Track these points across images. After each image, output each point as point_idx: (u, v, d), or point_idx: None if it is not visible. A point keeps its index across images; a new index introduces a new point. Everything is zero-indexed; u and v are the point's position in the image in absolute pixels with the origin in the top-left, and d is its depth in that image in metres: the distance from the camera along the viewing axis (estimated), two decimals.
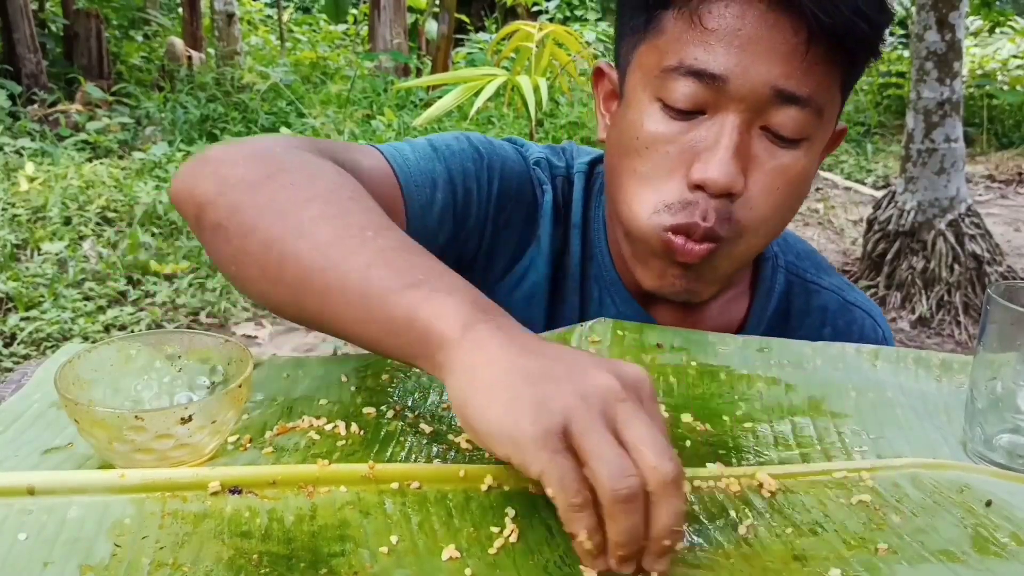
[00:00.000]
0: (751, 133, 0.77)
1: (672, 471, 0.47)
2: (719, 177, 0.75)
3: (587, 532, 0.48)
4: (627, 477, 0.47)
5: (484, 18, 11.09)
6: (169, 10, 10.20)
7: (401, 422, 0.67)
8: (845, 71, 0.79)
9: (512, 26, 2.55)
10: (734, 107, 0.76)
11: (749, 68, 0.74)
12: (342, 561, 0.51)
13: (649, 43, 0.80)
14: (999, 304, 0.64)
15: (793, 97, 0.75)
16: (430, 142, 0.88)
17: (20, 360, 3.28)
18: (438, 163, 0.86)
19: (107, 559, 0.51)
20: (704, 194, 0.77)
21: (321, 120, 6.44)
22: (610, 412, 0.49)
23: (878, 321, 0.99)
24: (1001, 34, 9.44)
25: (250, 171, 0.68)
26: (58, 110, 6.25)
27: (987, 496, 0.61)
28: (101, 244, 4.31)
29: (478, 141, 0.91)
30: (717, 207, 0.77)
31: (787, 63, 0.74)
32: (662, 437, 0.49)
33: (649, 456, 0.47)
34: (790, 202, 0.81)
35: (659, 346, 0.80)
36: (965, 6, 4.20)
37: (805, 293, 0.98)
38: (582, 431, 0.48)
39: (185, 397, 0.65)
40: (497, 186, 0.89)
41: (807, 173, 0.81)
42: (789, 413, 0.71)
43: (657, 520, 0.48)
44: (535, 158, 0.95)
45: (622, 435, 0.49)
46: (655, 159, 0.79)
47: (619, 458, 0.47)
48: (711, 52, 0.75)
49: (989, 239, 4.26)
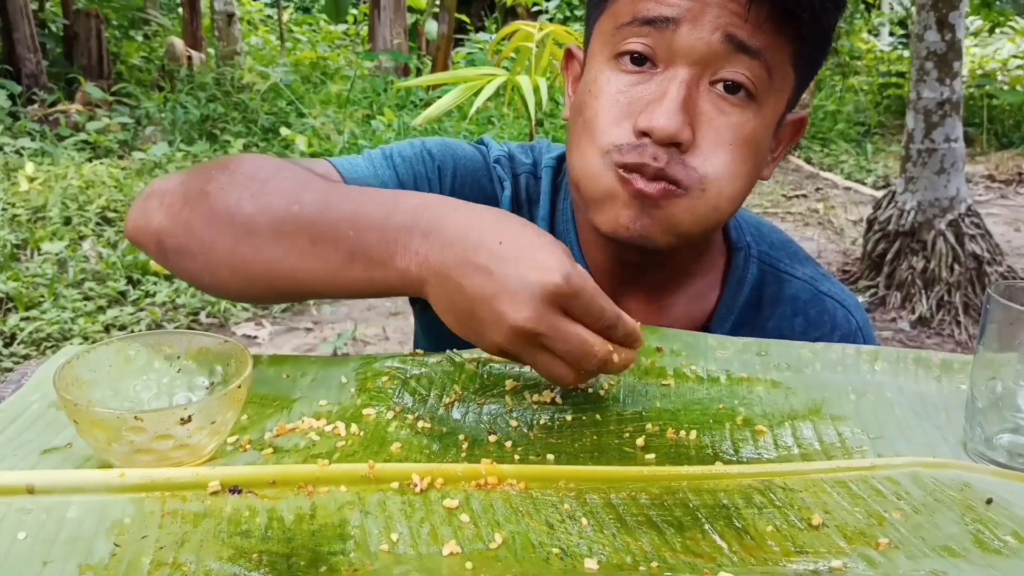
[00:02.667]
0: (700, 89, 0.79)
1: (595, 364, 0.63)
2: (666, 124, 0.77)
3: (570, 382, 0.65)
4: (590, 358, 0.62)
5: (484, 18, 11.10)
6: (169, 10, 10.20)
7: (401, 423, 0.67)
8: (795, 44, 0.80)
9: (512, 26, 2.55)
10: (684, 60, 0.78)
11: (700, 13, 0.76)
12: (342, 560, 0.51)
13: (607, 12, 0.83)
14: (999, 304, 0.64)
15: (743, 46, 0.77)
16: (384, 151, 0.93)
17: (20, 360, 3.28)
18: (387, 169, 0.91)
19: (106, 558, 0.51)
20: (651, 141, 0.78)
21: (321, 120, 6.44)
22: (534, 344, 0.63)
23: (851, 311, 0.98)
24: (1001, 34, 9.44)
25: (190, 189, 0.75)
26: (58, 110, 6.25)
27: (987, 495, 0.61)
28: (101, 244, 4.31)
29: (432, 144, 0.95)
30: (667, 153, 0.78)
31: (736, 14, 0.76)
32: (579, 342, 0.62)
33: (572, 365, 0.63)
34: (745, 161, 0.82)
35: (659, 350, 0.80)
36: (965, 6, 4.20)
37: (777, 283, 0.98)
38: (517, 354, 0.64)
39: (184, 398, 0.65)
40: (449, 184, 0.93)
41: (758, 136, 0.82)
42: (789, 416, 0.71)
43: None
44: (496, 156, 0.98)
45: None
46: (605, 108, 0.81)
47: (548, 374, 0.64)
48: (663, 2, 0.77)
49: (989, 239, 4.26)
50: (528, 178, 0.98)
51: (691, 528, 0.56)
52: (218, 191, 0.73)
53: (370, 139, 6.24)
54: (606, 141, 0.80)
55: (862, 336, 0.97)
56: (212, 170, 0.76)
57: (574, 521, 0.56)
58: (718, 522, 0.57)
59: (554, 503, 0.58)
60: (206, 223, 0.72)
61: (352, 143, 6.14)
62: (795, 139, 0.90)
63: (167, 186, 0.77)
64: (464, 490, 0.59)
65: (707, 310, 0.96)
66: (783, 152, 0.91)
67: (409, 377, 0.74)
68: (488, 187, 0.96)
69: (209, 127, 6.35)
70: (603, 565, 0.52)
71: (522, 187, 0.97)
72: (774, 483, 0.62)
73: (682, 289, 0.95)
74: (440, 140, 0.97)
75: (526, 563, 0.52)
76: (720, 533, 0.56)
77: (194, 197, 0.74)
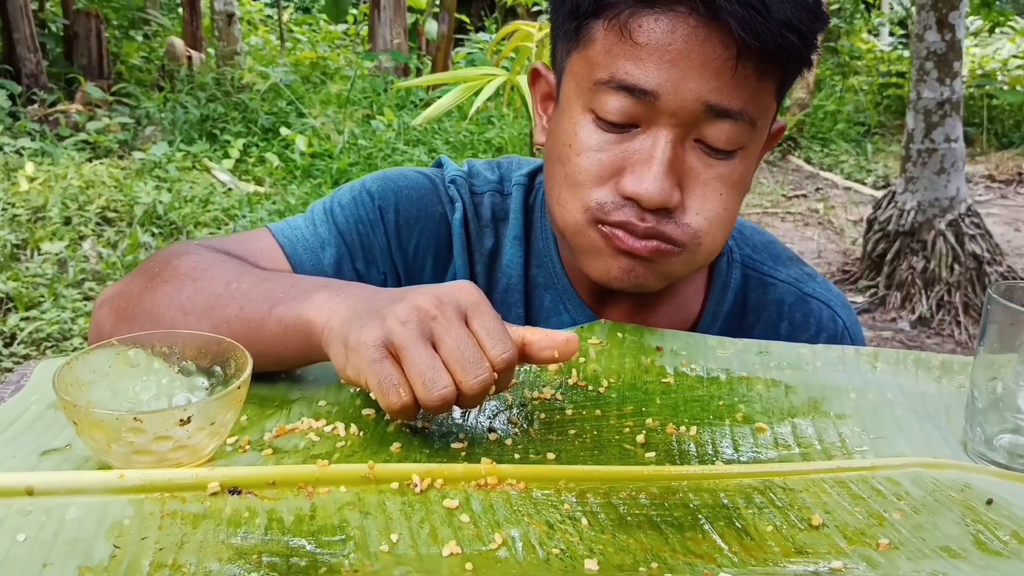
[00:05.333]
0: (685, 146, 0.77)
1: (475, 383, 0.59)
2: (654, 193, 0.75)
3: (402, 419, 0.63)
4: (436, 391, 0.59)
5: (484, 18, 11.09)
6: (169, 10, 10.20)
7: (400, 423, 0.67)
8: (779, 80, 0.79)
9: (512, 26, 2.55)
10: (666, 121, 0.76)
11: (680, 84, 0.74)
12: (342, 560, 0.51)
13: (580, 52, 0.80)
14: (999, 304, 0.64)
15: (725, 112, 0.75)
16: (324, 205, 0.95)
17: (20, 360, 3.28)
18: (328, 224, 0.92)
19: (106, 560, 0.50)
20: (636, 204, 0.77)
21: (321, 120, 6.44)
22: (426, 327, 0.60)
23: (837, 312, 0.97)
24: (1001, 34, 9.44)
25: (133, 288, 0.81)
26: (58, 110, 6.25)
27: (988, 495, 0.61)
28: (101, 244, 4.31)
29: (372, 183, 0.95)
30: (655, 215, 0.77)
31: (718, 78, 0.74)
32: (471, 345, 0.60)
33: (457, 370, 0.59)
34: (735, 204, 0.82)
35: (659, 349, 0.80)
36: (965, 6, 4.20)
37: (761, 287, 0.97)
38: (399, 345, 0.60)
39: (184, 399, 0.65)
40: (393, 219, 0.93)
41: (745, 177, 0.82)
42: (789, 415, 0.71)
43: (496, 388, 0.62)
44: (451, 176, 0.96)
45: (439, 346, 0.60)
46: (586, 166, 0.79)
47: (431, 370, 0.59)
48: (641, 67, 0.74)
49: (989, 239, 4.26)
50: (493, 196, 0.96)
51: (691, 528, 0.56)
52: (161, 284, 0.78)
53: (370, 139, 6.24)
54: (590, 200, 0.79)
55: (849, 336, 0.97)
56: (154, 268, 0.81)
57: (574, 521, 0.56)
58: (718, 522, 0.57)
59: (554, 503, 0.58)
60: (149, 311, 0.77)
61: (352, 143, 6.14)
62: (773, 144, 0.90)
63: (115, 291, 0.83)
64: (464, 490, 0.59)
65: (691, 318, 0.96)
66: (762, 157, 0.90)
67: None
68: (437, 211, 0.94)
69: (209, 127, 6.34)
70: (603, 565, 0.52)
71: (484, 205, 0.95)
72: (774, 483, 0.62)
73: (666, 299, 0.94)
74: (381, 175, 0.96)
75: (526, 563, 0.52)
76: (720, 533, 0.56)
77: (136, 296, 0.79)
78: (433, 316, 0.61)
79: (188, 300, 0.76)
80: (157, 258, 0.83)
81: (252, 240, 0.91)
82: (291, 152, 6.02)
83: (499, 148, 6.29)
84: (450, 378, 0.59)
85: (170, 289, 0.77)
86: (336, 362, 0.64)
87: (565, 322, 0.92)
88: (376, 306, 0.64)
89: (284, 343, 0.70)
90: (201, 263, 0.79)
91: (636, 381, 0.75)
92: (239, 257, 0.85)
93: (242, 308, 0.73)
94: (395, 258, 0.92)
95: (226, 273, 0.77)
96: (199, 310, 0.75)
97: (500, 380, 0.62)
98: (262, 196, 5.25)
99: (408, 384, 0.59)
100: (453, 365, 0.60)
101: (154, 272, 0.80)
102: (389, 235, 0.92)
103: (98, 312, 0.83)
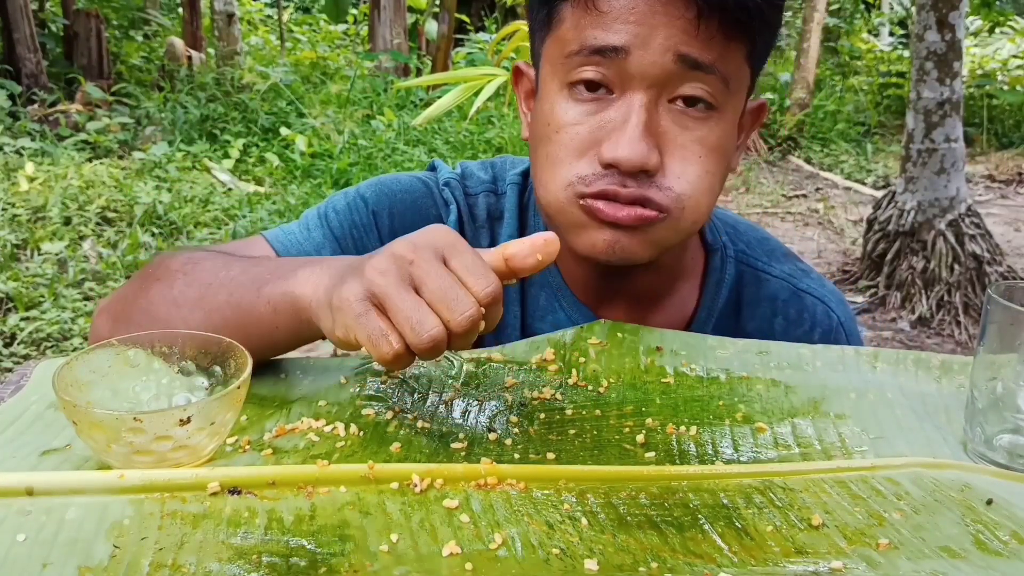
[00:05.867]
0: (659, 109, 0.78)
1: (464, 319, 0.58)
2: (631, 155, 0.76)
3: (397, 368, 0.61)
4: (426, 332, 0.58)
5: (484, 18, 11.09)
6: (169, 10, 10.20)
7: (400, 423, 0.67)
8: (748, 43, 0.79)
9: (512, 26, 2.55)
10: (639, 83, 0.77)
11: (648, 39, 0.75)
12: (342, 560, 0.51)
13: (552, 36, 0.82)
14: (999, 304, 0.64)
15: (696, 63, 0.76)
16: (319, 211, 0.95)
17: (20, 360, 3.28)
18: (322, 229, 0.93)
19: (106, 560, 0.50)
20: (616, 171, 0.78)
21: (321, 120, 6.44)
22: (405, 273, 0.60)
23: (832, 307, 0.97)
24: (1001, 34, 9.44)
25: (128, 294, 0.82)
26: (58, 110, 6.25)
27: (988, 495, 0.61)
28: (101, 244, 4.31)
29: (366, 189, 0.96)
30: (637, 180, 0.78)
31: (685, 32, 0.75)
32: (453, 283, 0.59)
33: (443, 309, 0.59)
34: (716, 170, 0.81)
35: (658, 349, 0.80)
36: (965, 6, 4.20)
37: (756, 283, 0.97)
38: (381, 295, 0.59)
39: (184, 398, 0.65)
40: (387, 224, 0.93)
41: (724, 141, 0.81)
42: (789, 415, 0.71)
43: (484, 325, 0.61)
44: (445, 179, 0.97)
45: (421, 289, 0.59)
46: (565, 141, 0.80)
47: (417, 313, 0.58)
48: (609, 29, 0.76)
49: (989, 239, 4.26)
50: (488, 196, 0.97)
51: (691, 528, 0.56)
52: (153, 282, 0.80)
53: (370, 139, 6.24)
54: (570, 174, 0.80)
55: (844, 332, 0.97)
56: (149, 270, 0.82)
57: (574, 521, 0.56)
58: (718, 522, 0.57)
59: (554, 503, 0.58)
60: (144, 309, 0.78)
61: (352, 143, 6.14)
62: (757, 124, 0.90)
63: (113, 298, 0.84)
64: (464, 490, 0.59)
65: (687, 315, 0.96)
66: (747, 139, 0.91)
67: (408, 377, 0.74)
68: (432, 213, 0.95)
69: (209, 127, 6.35)
70: (603, 565, 0.52)
71: (479, 206, 0.96)
72: (774, 483, 0.62)
73: (663, 296, 0.94)
74: (376, 181, 0.97)
75: (526, 563, 0.52)
76: (720, 533, 0.56)
77: (132, 298, 0.81)
78: (410, 261, 0.60)
79: (180, 293, 0.76)
80: (152, 264, 0.84)
81: (247, 247, 0.91)
82: (291, 152, 6.02)
83: (499, 148, 6.29)
84: (437, 319, 0.58)
85: (162, 286, 0.78)
86: (325, 327, 0.64)
87: (561, 320, 0.93)
88: (355, 265, 0.63)
89: (275, 323, 0.70)
90: (192, 258, 0.80)
91: (636, 381, 0.75)
92: None
93: (231, 294, 0.73)
94: None
95: (215, 264, 0.78)
96: (190, 302, 0.75)
97: (488, 315, 0.61)
98: (262, 196, 5.25)
99: (397, 332, 0.59)
100: (438, 305, 0.59)
101: (147, 274, 0.82)
102: (384, 240, 0.92)
103: (97, 320, 0.85)
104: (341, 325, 0.61)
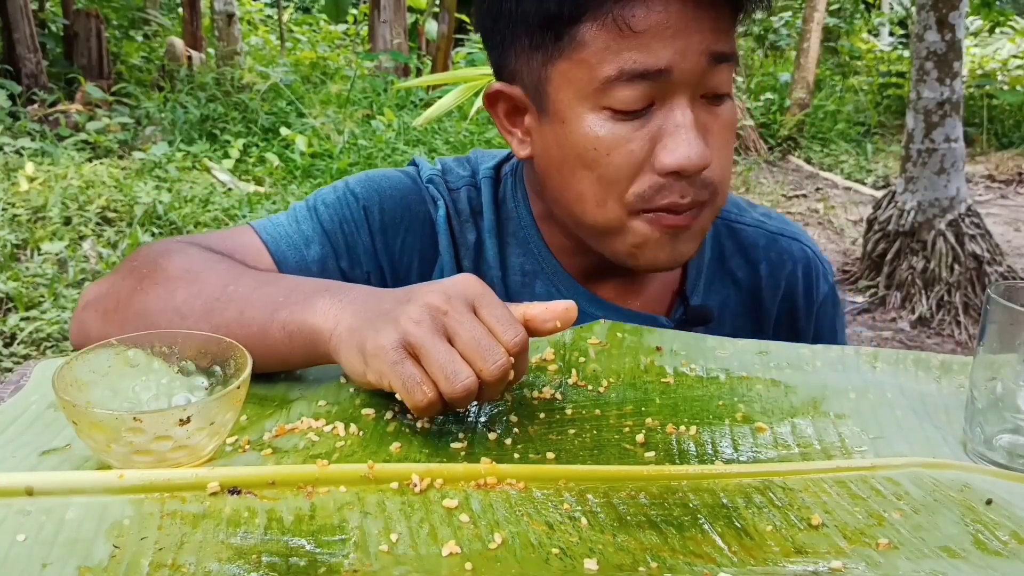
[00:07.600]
0: (695, 106, 0.79)
1: (495, 368, 0.60)
2: (695, 158, 0.77)
3: (428, 415, 0.64)
4: (460, 382, 0.60)
5: None
6: (169, 10, 10.20)
7: (399, 423, 0.67)
8: (740, 20, 0.82)
9: None
10: (680, 89, 0.78)
11: (686, 48, 0.76)
12: (342, 560, 0.51)
13: (571, 59, 0.78)
14: (999, 304, 0.64)
15: (723, 55, 0.78)
16: (308, 203, 0.95)
17: (20, 360, 3.28)
18: (311, 222, 0.92)
19: (106, 560, 0.50)
20: (675, 177, 0.79)
21: (321, 120, 6.44)
22: (439, 323, 0.62)
23: (804, 242, 1.02)
24: (1001, 34, 9.44)
25: (121, 291, 0.79)
26: (58, 110, 6.25)
27: (987, 495, 0.61)
28: (101, 244, 4.31)
29: (356, 183, 0.95)
30: (692, 184, 0.79)
31: (714, 31, 0.77)
32: (485, 334, 0.61)
33: (476, 359, 0.60)
34: (733, 146, 0.85)
35: (658, 349, 0.80)
36: (965, 6, 4.20)
37: (732, 234, 1.01)
38: (417, 345, 0.61)
39: (183, 398, 0.65)
40: (378, 219, 0.93)
41: (736, 118, 0.85)
42: (789, 414, 0.71)
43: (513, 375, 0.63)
44: (428, 175, 0.97)
45: (454, 339, 0.61)
46: (620, 162, 0.79)
47: (451, 364, 0.60)
48: (649, 51, 0.75)
49: (989, 239, 4.26)
50: (469, 190, 0.97)
51: (691, 528, 0.56)
52: (152, 286, 0.77)
53: (370, 139, 6.24)
54: (630, 194, 0.80)
55: (820, 261, 1.02)
56: (142, 268, 0.80)
57: (574, 521, 0.56)
58: (718, 522, 0.57)
59: (554, 503, 0.58)
60: (142, 313, 0.76)
61: (352, 143, 6.14)
62: None
63: (100, 291, 0.82)
64: (464, 490, 0.59)
65: (678, 278, 0.99)
66: None
67: None
68: (421, 209, 0.95)
69: (209, 127, 6.34)
70: (603, 565, 0.52)
71: (462, 200, 0.96)
72: (774, 483, 0.62)
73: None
74: (364, 176, 0.97)
75: (526, 563, 0.52)
76: (720, 533, 0.56)
77: (126, 298, 0.78)
78: (444, 311, 0.62)
79: (184, 303, 0.75)
80: (141, 257, 0.82)
81: (235, 237, 0.91)
82: (291, 152, 6.01)
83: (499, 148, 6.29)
84: (470, 369, 0.60)
85: (162, 292, 0.77)
86: (353, 369, 0.65)
87: (542, 292, 0.95)
88: (384, 309, 0.64)
89: (289, 349, 0.70)
90: (193, 265, 0.79)
91: (636, 381, 0.75)
92: (223, 255, 0.84)
93: (242, 313, 0.73)
94: (380, 258, 0.93)
95: (220, 276, 0.77)
96: (196, 314, 0.74)
97: (517, 364, 0.63)
98: (262, 196, 5.25)
99: (431, 380, 0.61)
100: (471, 355, 0.61)
101: (142, 273, 0.79)
102: (374, 235, 0.93)
103: (82, 313, 0.82)
104: (375, 371, 0.62)
